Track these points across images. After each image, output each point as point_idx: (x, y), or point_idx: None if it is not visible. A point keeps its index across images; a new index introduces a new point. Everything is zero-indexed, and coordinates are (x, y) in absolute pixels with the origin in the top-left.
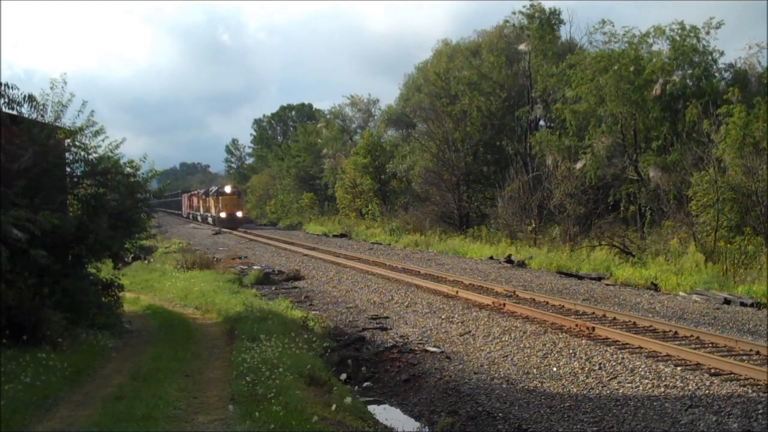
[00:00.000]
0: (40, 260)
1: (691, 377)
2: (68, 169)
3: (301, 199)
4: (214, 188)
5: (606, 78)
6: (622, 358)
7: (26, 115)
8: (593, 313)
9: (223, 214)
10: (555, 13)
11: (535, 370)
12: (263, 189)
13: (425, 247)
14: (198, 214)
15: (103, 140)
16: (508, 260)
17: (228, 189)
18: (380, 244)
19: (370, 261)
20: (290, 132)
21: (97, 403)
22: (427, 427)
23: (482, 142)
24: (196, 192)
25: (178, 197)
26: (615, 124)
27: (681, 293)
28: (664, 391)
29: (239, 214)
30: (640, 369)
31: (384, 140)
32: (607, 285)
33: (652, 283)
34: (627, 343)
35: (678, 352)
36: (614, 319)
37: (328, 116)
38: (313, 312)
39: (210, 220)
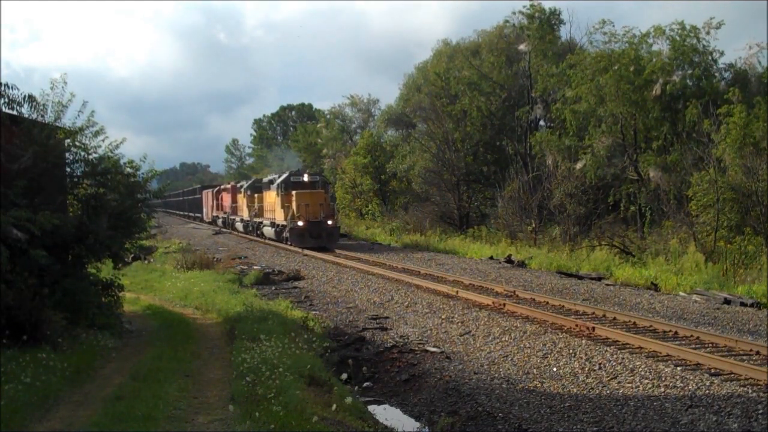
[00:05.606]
0: (40, 260)
1: (691, 377)
2: (68, 169)
3: None
4: (277, 177)
5: (606, 78)
6: (622, 358)
7: (26, 115)
8: (593, 313)
9: (300, 223)
10: (555, 13)
11: (535, 370)
12: None
13: (425, 247)
14: (237, 219)
15: (103, 140)
16: (508, 260)
17: (306, 177)
18: (380, 244)
19: (370, 261)
20: (290, 132)
21: (97, 403)
22: (427, 427)
23: (482, 142)
24: (229, 186)
25: (196, 195)
26: (615, 124)
27: (681, 293)
28: (664, 391)
29: (330, 222)
30: (640, 369)
31: (384, 140)
32: (607, 285)
33: (652, 283)
34: (627, 343)
35: (678, 352)
36: (614, 319)
37: (328, 116)
38: (313, 312)
39: (269, 231)
